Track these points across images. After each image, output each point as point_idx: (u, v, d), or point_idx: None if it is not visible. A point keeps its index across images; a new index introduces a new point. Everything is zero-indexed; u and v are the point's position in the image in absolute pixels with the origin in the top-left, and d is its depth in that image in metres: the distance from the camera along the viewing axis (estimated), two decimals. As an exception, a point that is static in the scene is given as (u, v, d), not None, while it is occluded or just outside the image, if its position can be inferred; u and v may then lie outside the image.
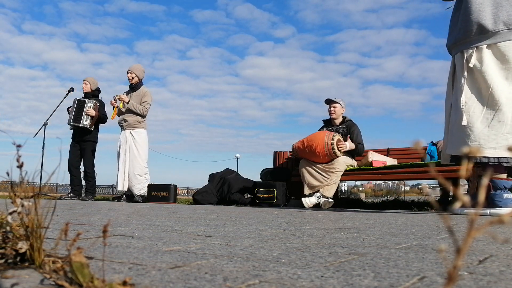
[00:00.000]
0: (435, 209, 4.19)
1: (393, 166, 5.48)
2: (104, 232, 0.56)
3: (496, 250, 1.05)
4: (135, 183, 6.46)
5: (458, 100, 3.08)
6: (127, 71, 6.64)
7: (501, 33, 2.95)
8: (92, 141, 6.77)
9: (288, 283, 0.63)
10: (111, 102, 6.63)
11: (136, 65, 6.75)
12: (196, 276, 0.66)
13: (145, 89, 6.66)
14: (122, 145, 6.53)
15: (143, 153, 6.57)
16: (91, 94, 6.82)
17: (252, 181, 6.33)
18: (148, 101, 6.58)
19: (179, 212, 2.99)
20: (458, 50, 3.15)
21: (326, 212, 3.55)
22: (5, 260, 0.68)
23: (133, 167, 6.46)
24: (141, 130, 6.59)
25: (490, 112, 2.96)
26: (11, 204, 0.70)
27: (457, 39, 3.11)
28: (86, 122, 6.54)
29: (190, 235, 1.33)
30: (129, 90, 6.72)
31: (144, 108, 6.53)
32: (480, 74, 2.99)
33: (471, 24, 3.00)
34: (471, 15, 3.01)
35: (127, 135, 6.51)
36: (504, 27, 2.94)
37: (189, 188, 38.10)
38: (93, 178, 6.82)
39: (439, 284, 0.63)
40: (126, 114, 6.52)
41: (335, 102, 5.74)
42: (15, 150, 0.68)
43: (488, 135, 2.93)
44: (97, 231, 1.40)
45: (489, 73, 2.96)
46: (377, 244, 1.18)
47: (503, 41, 2.95)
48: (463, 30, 3.06)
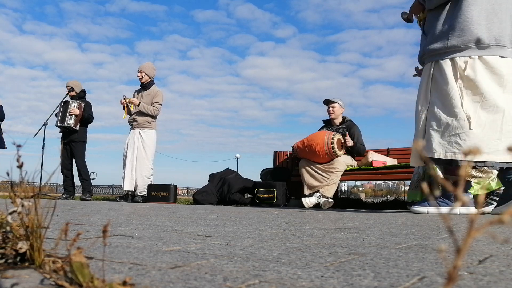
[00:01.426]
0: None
1: (393, 166, 5.49)
2: (104, 232, 0.56)
3: (496, 250, 1.05)
4: (140, 183, 6.45)
5: (449, 104, 3.14)
6: (138, 70, 6.60)
7: (492, 47, 3.09)
8: (82, 141, 6.84)
9: (288, 283, 0.63)
10: (121, 101, 6.60)
11: (146, 63, 6.68)
12: (196, 276, 0.66)
13: (157, 89, 6.62)
14: (130, 144, 6.50)
15: (150, 154, 6.56)
16: (77, 97, 6.89)
17: (252, 181, 6.33)
18: (159, 102, 6.54)
19: (179, 212, 2.99)
20: (446, 56, 3.20)
21: (326, 212, 3.55)
22: (5, 260, 0.69)
23: (141, 167, 6.45)
24: (150, 131, 6.56)
25: (482, 119, 3.07)
26: (11, 204, 0.70)
27: (451, 46, 3.16)
28: (70, 121, 6.61)
29: (190, 235, 1.33)
30: (140, 89, 6.68)
31: (156, 109, 6.50)
32: (473, 82, 3.09)
33: (470, 34, 3.08)
34: (471, 26, 3.08)
35: (136, 134, 6.49)
36: (494, 42, 3.08)
37: (189, 188, 38.11)
38: (88, 177, 6.89)
39: (439, 284, 0.63)
40: (136, 114, 6.49)
41: (333, 102, 5.74)
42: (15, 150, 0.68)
43: (481, 140, 3.03)
44: (97, 231, 1.40)
45: (482, 82, 3.07)
46: (377, 244, 1.18)
47: (491, 55, 3.09)
48: (459, 39, 3.12)
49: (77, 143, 6.77)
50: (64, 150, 6.78)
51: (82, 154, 6.82)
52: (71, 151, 6.76)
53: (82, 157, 6.81)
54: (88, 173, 6.92)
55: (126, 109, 6.56)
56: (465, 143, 3.04)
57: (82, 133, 6.82)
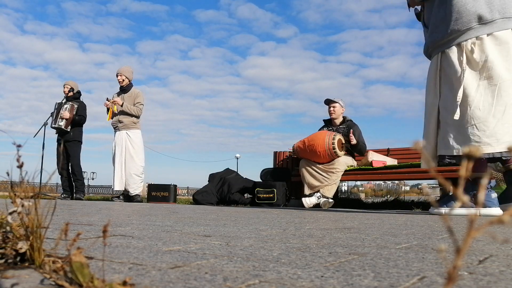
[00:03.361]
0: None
1: (393, 166, 5.48)
2: (104, 232, 0.56)
3: (496, 250, 1.05)
4: (131, 182, 6.51)
5: (456, 96, 2.91)
6: (117, 74, 6.72)
7: (497, 22, 2.85)
8: (77, 141, 6.93)
9: (288, 283, 0.63)
10: (105, 104, 6.69)
11: (125, 67, 6.82)
12: (196, 276, 0.66)
13: (137, 90, 6.75)
14: (118, 145, 6.58)
15: (140, 152, 6.65)
16: (72, 97, 6.98)
17: (252, 181, 6.33)
18: (141, 102, 6.67)
19: (179, 212, 2.99)
20: (449, 45, 2.99)
21: (326, 212, 3.55)
22: (5, 260, 0.68)
23: (130, 166, 6.52)
24: (137, 131, 6.68)
25: (501, 104, 2.81)
26: (11, 204, 0.70)
27: (452, 31, 2.95)
28: (61, 123, 6.75)
29: (190, 235, 1.33)
30: (119, 92, 6.77)
31: (138, 109, 6.63)
32: (486, 64, 2.83)
33: (468, 14, 2.88)
34: (466, 5, 2.89)
35: (123, 135, 6.57)
36: (499, 15, 2.85)
37: (189, 188, 38.09)
38: (82, 177, 7.00)
39: (439, 284, 0.63)
40: (120, 116, 6.57)
41: (334, 102, 5.74)
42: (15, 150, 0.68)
43: (502, 130, 2.79)
44: (97, 231, 1.40)
45: (495, 63, 2.82)
46: (377, 244, 1.18)
47: (499, 30, 2.84)
48: (459, 22, 2.92)
49: (72, 143, 6.86)
50: (60, 150, 6.89)
51: (77, 154, 6.92)
52: (66, 151, 6.85)
53: (77, 157, 6.91)
54: (82, 173, 7.02)
55: (110, 112, 6.65)
56: (485, 133, 2.79)
57: (77, 133, 6.91)
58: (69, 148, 6.82)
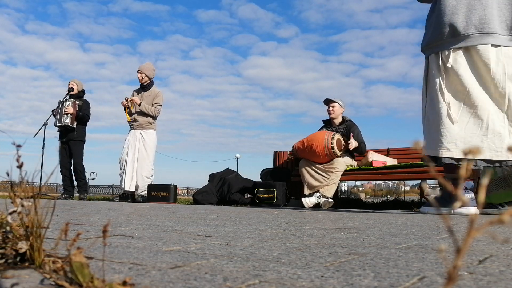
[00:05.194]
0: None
1: (393, 166, 5.49)
2: (104, 232, 0.56)
3: (496, 250, 1.05)
4: (141, 184, 6.48)
5: (434, 100, 3.08)
6: (137, 71, 6.61)
7: (472, 37, 2.93)
8: (81, 140, 6.90)
9: (288, 283, 0.63)
10: (123, 103, 6.63)
11: (146, 64, 6.68)
12: (196, 276, 0.66)
13: (157, 90, 6.65)
14: (131, 144, 6.51)
15: (151, 154, 6.59)
16: (76, 96, 6.95)
17: (252, 181, 6.33)
18: (160, 103, 6.58)
19: (179, 212, 2.99)
20: (432, 52, 3.14)
21: (326, 212, 3.55)
22: (5, 260, 0.68)
23: (141, 168, 6.48)
24: (151, 131, 6.60)
25: (466, 114, 2.98)
26: (11, 204, 0.70)
27: (431, 40, 3.10)
28: (66, 120, 6.68)
29: (190, 235, 1.33)
30: (139, 89, 6.68)
31: (156, 109, 6.54)
32: (456, 76, 2.99)
33: (444, 26, 2.99)
34: (444, 18, 3.00)
35: (137, 135, 6.51)
36: (475, 31, 2.92)
37: (189, 188, 38.10)
38: (84, 176, 7.00)
39: (439, 284, 0.63)
40: (137, 114, 6.51)
41: (333, 102, 5.74)
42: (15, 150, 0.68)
43: (464, 137, 2.94)
44: (97, 231, 1.40)
45: (464, 76, 2.96)
46: (377, 244, 1.18)
47: (474, 45, 2.93)
48: (437, 32, 3.05)
49: (76, 142, 6.82)
50: (63, 149, 6.82)
51: (80, 153, 6.88)
52: (69, 150, 6.80)
53: (80, 157, 6.87)
54: (85, 173, 7.01)
55: (127, 110, 6.59)
56: (446, 139, 2.96)
57: (80, 132, 6.87)
58: (73, 147, 6.78)
